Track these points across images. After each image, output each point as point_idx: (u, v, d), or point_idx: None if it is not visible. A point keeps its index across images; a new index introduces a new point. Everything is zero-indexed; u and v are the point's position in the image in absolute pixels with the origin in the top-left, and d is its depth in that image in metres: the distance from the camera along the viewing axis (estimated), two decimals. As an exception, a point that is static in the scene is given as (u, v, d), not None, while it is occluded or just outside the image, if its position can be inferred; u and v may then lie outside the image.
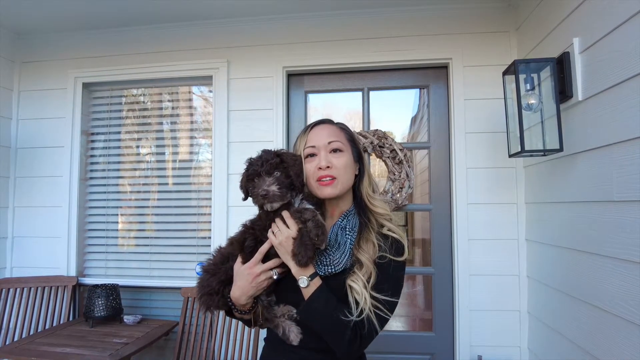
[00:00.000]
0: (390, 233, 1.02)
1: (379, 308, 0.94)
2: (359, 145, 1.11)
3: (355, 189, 1.08)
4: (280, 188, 0.95)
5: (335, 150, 1.03)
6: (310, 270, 0.95)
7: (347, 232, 1.01)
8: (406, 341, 2.18)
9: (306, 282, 0.94)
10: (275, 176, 0.97)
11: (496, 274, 2.01)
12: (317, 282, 0.95)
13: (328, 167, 1.00)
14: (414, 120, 2.45)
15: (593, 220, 1.39)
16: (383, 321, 0.95)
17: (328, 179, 1.00)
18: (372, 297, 0.93)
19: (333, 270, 0.97)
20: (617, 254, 1.25)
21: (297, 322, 0.99)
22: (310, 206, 1.00)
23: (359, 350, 0.95)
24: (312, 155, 1.04)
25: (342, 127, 1.10)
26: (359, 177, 1.08)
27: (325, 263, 0.98)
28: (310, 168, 1.02)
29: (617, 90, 1.25)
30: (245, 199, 1.04)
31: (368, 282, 0.94)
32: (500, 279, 2.01)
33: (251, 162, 1.01)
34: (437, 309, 2.14)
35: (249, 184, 1.00)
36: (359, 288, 0.93)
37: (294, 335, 0.97)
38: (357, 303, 0.93)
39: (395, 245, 1.00)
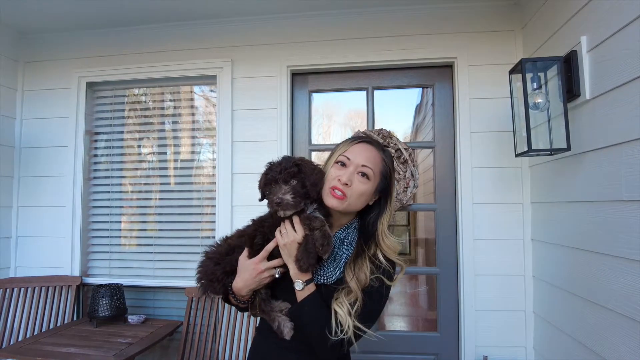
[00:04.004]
0: (381, 260, 1.05)
1: (360, 329, 1.00)
2: (391, 183, 1.09)
3: (365, 216, 1.09)
4: (294, 197, 0.98)
5: (362, 174, 1.03)
6: (308, 276, 1.01)
7: (345, 246, 1.06)
8: (410, 341, 2.17)
9: (301, 285, 1.00)
10: (291, 185, 1.00)
11: (502, 274, 2.01)
12: (312, 287, 1.01)
13: (346, 184, 1.01)
14: (418, 119, 2.44)
15: (601, 220, 1.38)
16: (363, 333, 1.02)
17: (340, 193, 1.02)
18: (354, 320, 0.99)
19: (325, 281, 1.03)
20: (626, 254, 1.24)
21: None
22: (321, 216, 1.02)
23: (339, 353, 1.02)
24: (342, 164, 1.05)
25: (384, 159, 1.08)
26: (377, 211, 1.08)
27: (319, 273, 1.03)
28: (332, 174, 1.05)
29: (626, 89, 1.24)
30: (261, 199, 1.08)
31: (352, 307, 0.99)
32: (505, 279, 2.00)
33: (270, 167, 1.04)
34: (442, 309, 2.14)
35: (267, 188, 1.04)
36: (344, 314, 0.98)
37: (288, 330, 1.03)
38: (341, 324, 0.98)
39: (387, 270, 1.05)
